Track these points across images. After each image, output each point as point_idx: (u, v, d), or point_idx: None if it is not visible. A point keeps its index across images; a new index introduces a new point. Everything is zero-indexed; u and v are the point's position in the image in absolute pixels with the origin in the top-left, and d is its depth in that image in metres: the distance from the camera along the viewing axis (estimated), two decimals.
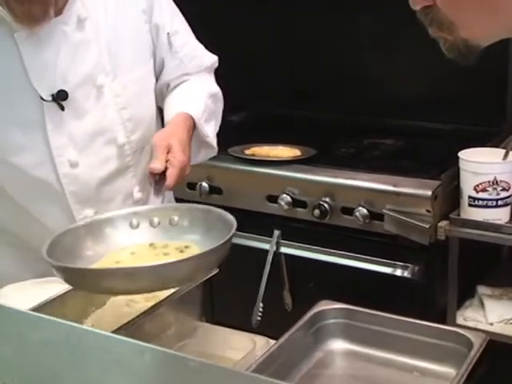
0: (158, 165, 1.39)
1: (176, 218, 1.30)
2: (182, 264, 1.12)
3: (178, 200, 2.44)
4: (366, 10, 2.60)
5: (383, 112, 2.67)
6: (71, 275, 1.16)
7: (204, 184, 2.34)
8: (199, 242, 1.27)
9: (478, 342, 1.15)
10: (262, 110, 2.88)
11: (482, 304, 2.11)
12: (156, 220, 1.29)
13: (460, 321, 2.08)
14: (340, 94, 2.77)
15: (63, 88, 1.46)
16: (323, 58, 2.79)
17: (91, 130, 1.52)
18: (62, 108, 1.46)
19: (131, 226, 1.28)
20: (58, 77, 1.46)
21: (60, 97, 1.46)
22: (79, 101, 1.49)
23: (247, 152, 2.35)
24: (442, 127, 2.54)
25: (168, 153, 1.41)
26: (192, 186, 2.37)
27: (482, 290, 2.15)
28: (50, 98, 1.45)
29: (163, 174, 1.38)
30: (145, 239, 1.25)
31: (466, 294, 2.16)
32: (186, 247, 1.26)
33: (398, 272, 2.09)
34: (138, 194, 1.62)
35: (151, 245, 1.27)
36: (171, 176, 1.39)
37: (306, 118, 2.79)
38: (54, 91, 1.45)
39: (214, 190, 2.34)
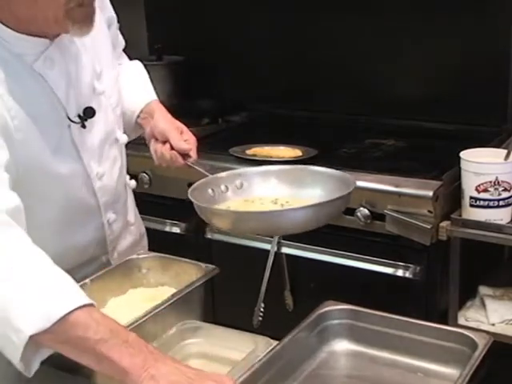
0: (186, 146, 1.57)
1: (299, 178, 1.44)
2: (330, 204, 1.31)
3: (178, 200, 2.44)
4: (366, 10, 2.60)
5: (384, 112, 2.66)
6: (221, 217, 1.34)
7: None
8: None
9: (482, 342, 1.14)
10: (263, 111, 2.88)
11: (483, 304, 2.11)
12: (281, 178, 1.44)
13: (461, 321, 2.08)
14: (341, 94, 2.77)
15: (88, 105, 1.45)
16: (324, 59, 2.79)
17: (102, 137, 1.52)
18: (84, 126, 1.44)
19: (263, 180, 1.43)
20: (77, 94, 1.43)
21: (87, 114, 1.44)
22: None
23: (248, 152, 2.34)
24: (444, 127, 2.54)
25: (181, 134, 1.57)
26: None
27: (483, 290, 2.15)
28: (77, 119, 1.43)
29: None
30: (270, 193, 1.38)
31: (467, 295, 2.16)
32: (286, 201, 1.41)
33: (400, 272, 2.09)
34: (132, 183, 1.73)
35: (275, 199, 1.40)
36: (195, 153, 1.58)
37: (307, 118, 2.79)
38: (80, 110, 1.43)
39: None
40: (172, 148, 1.59)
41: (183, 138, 1.58)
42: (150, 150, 1.70)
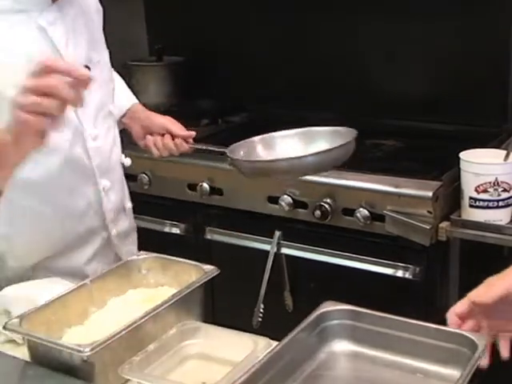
0: (188, 132, 1.71)
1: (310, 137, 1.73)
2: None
3: (177, 201, 2.44)
4: (365, 11, 2.60)
5: (384, 113, 2.66)
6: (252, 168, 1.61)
7: (205, 185, 2.34)
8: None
9: (482, 343, 1.14)
10: (262, 111, 2.88)
11: None
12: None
13: None
14: (341, 94, 2.77)
15: (86, 64, 1.48)
16: (324, 59, 2.79)
17: (97, 105, 1.57)
18: None
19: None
20: (76, 55, 1.49)
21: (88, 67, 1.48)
22: None
23: None
24: (443, 128, 2.54)
25: None
26: (193, 186, 2.37)
27: None
28: None
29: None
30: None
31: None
32: None
33: (399, 273, 2.09)
34: (126, 161, 1.78)
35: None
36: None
37: (308, 118, 2.78)
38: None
39: (215, 190, 2.34)
40: (173, 137, 1.69)
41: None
42: (142, 146, 1.81)
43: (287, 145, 1.69)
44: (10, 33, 1.39)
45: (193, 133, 1.72)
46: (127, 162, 1.77)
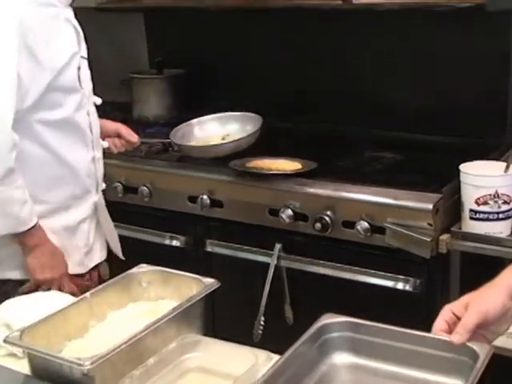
0: (136, 140, 2.16)
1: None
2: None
3: (178, 213, 2.44)
4: (365, 23, 2.61)
5: (383, 125, 2.67)
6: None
7: (205, 197, 2.34)
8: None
9: (483, 353, 1.14)
10: (263, 124, 2.88)
11: None
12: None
13: None
14: (341, 107, 2.78)
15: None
16: (323, 72, 2.80)
17: (90, 88, 1.93)
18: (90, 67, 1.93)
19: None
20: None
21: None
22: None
23: (248, 165, 2.34)
24: (443, 140, 2.55)
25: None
26: (193, 199, 2.37)
27: None
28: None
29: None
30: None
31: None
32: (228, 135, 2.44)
33: (400, 285, 2.09)
34: (104, 143, 2.06)
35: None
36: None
37: (307, 131, 2.79)
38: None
39: (216, 203, 2.34)
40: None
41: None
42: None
43: (213, 126, 2.36)
44: (47, 21, 1.74)
45: (137, 141, 2.17)
46: (105, 144, 2.06)
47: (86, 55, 1.90)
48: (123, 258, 2.09)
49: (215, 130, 2.40)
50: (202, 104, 2.99)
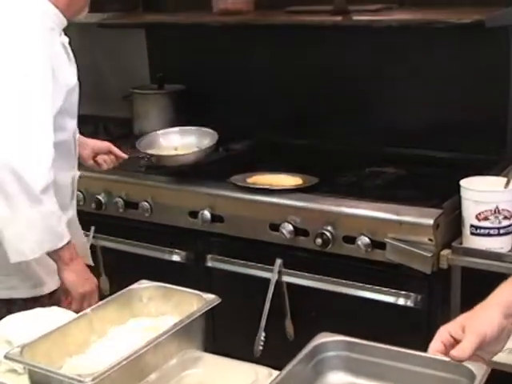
0: (125, 155, 2.27)
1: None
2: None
3: (179, 228, 2.45)
4: (365, 40, 2.62)
5: (384, 141, 2.68)
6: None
7: (206, 212, 2.34)
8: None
9: (480, 373, 1.13)
10: (263, 139, 2.89)
11: None
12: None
13: None
14: (341, 122, 2.78)
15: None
16: (324, 88, 2.81)
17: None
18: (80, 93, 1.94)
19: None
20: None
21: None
22: None
23: (249, 180, 2.35)
24: (443, 156, 2.55)
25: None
26: (194, 214, 2.37)
27: None
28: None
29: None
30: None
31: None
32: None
33: (401, 301, 2.08)
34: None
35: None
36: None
37: (308, 146, 2.80)
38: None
39: (216, 218, 2.34)
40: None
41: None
42: (89, 165, 2.23)
43: (174, 137, 2.57)
44: (45, 42, 1.77)
45: (126, 157, 2.29)
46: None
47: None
48: (92, 264, 2.16)
49: (175, 140, 2.58)
50: (203, 119, 3.00)
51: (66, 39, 1.90)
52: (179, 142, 2.54)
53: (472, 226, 1.97)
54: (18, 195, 1.62)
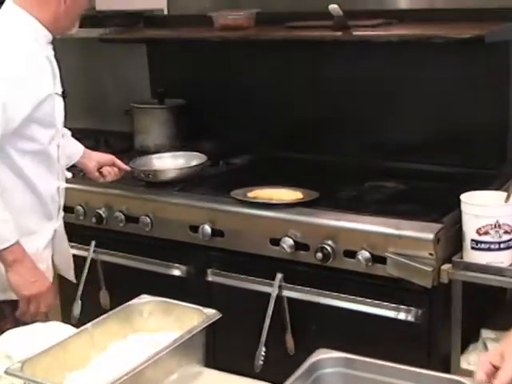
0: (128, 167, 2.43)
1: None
2: None
3: (179, 243, 2.45)
4: (365, 55, 2.63)
5: (384, 155, 2.68)
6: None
7: (206, 227, 2.34)
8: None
9: None
10: (264, 153, 2.90)
11: (486, 348, 2.10)
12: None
13: (464, 365, 2.07)
14: (341, 137, 2.79)
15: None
16: (324, 102, 2.82)
17: (62, 121, 2.04)
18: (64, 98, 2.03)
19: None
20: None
21: (64, 95, 2.02)
22: None
23: (250, 195, 2.35)
24: (444, 170, 2.56)
25: None
26: (194, 228, 2.37)
27: (486, 333, 2.14)
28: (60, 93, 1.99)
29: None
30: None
31: (469, 338, 2.15)
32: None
33: (402, 316, 2.08)
34: (68, 174, 2.17)
35: None
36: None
37: (308, 160, 2.80)
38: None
39: (217, 232, 2.34)
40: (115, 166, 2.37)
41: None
42: (94, 178, 2.36)
43: (167, 159, 2.72)
44: (31, 55, 1.88)
45: (129, 169, 2.44)
46: (68, 174, 2.17)
47: (60, 91, 2.00)
48: (75, 281, 2.28)
49: (167, 162, 2.72)
50: (203, 134, 3.01)
51: (51, 52, 1.97)
52: (171, 164, 2.69)
53: (472, 240, 1.97)
54: None
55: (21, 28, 1.89)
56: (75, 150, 2.31)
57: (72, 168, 2.28)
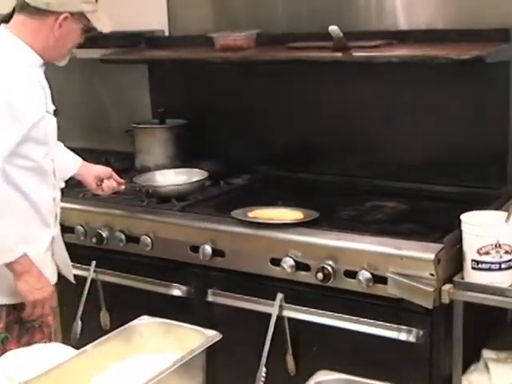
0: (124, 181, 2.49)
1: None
2: None
3: (180, 263, 2.45)
4: (366, 75, 2.64)
5: (385, 175, 2.69)
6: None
7: (207, 247, 2.34)
8: None
9: None
10: (264, 173, 2.90)
11: (487, 368, 2.09)
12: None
13: None
14: (341, 156, 2.80)
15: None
16: (324, 122, 2.83)
17: (55, 137, 2.14)
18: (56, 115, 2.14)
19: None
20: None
21: (56, 113, 2.12)
22: None
23: (250, 215, 2.35)
24: (444, 190, 2.56)
25: None
26: (195, 248, 2.37)
27: (487, 353, 2.13)
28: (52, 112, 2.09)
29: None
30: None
31: (471, 358, 2.14)
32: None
33: (403, 336, 2.07)
34: (62, 184, 2.25)
35: None
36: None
37: (309, 180, 2.81)
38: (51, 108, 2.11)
39: (217, 252, 2.34)
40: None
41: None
42: (93, 191, 2.46)
43: (169, 175, 2.77)
44: (25, 81, 1.99)
45: (124, 181, 2.49)
46: (62, 184, 2.24)
47: (51, 110, 2.10)
48: (74, 282, 2.33)
49: (170, 178, 2.77)
50: (203, 154, 3.02)
51: (42, 75, 2.08)
52: (173, 179, 2.73)
53: (473, 260, 1.97)
54: None
55: (16, 54, 2.00)
56: (74, 162, 2.40)
57: (70, 181, 2.39)
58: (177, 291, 2.49)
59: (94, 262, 2.57)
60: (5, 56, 1.99)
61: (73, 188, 2.58)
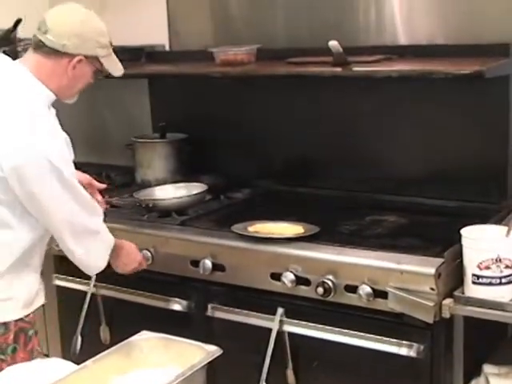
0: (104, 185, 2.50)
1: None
2: None
3: (180, 277, 2.44)
4: (365, 90, 2.65)
5: (385, 189, 2.69)
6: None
7: (207, 261, 2.34)
8: None
9: None
10: (264, 187, 2.91)
11: (488, 383, 2.08)
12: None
13: None
14: (342, 171, 2.80)
15: None
16: (323, 138, 2.84)
17: None
18: None
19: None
20: None
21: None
22: None
23: (250, 229, 2.35)
24: (444, 204, 2.56)
25: None
26: (195, 263, 2.37)
27: (488, 368, 2.12)
28: None
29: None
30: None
31: (471, 373, 2.13)
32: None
33: (403, 351, 2.07)
34: None
35: None
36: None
37: (308, 195, 2.81)
38: None
39: (218, 267, 2.34)
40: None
41: None
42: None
43: (169, 190, 2.79)
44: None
45: (104, 185, 2.49)
46: None
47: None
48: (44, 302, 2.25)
49: (170, 192, 2.79)
50: (203, 168, 3.02)
51: (53, 111, 2.11)
52: (172, 193, 2.74)
53: (474, 275, 1.97)
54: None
55: (36, 96, 2.03)
56: None
57: None
58: (177, 306, 2.48)
59: (94, 277, 2.57)
60: (29, 98, 2.01)
61: None
